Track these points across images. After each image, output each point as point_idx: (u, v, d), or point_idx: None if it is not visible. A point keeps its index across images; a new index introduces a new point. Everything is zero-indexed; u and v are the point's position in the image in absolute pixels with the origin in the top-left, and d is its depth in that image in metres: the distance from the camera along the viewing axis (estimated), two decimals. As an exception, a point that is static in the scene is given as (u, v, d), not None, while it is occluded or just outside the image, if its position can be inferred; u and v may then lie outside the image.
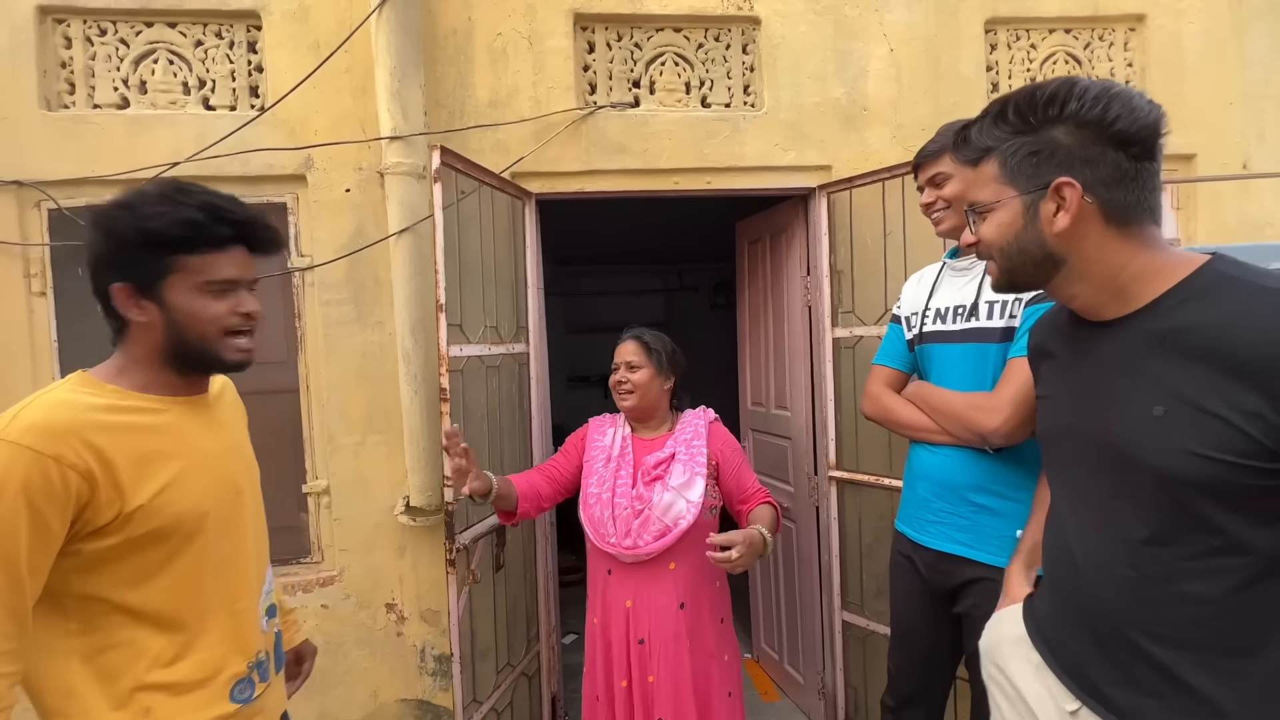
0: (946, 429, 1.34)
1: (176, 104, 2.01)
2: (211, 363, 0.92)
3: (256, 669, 0.95)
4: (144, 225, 0.83)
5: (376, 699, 2.10)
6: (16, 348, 1.92)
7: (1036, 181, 0.75)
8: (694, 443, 1.59)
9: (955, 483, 1.34)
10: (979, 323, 1.33)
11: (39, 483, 0.74)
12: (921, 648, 1.47)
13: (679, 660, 1.51)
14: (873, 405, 1.52)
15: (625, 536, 1.50)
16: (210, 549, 0.90)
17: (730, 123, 2.18)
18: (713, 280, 5.43)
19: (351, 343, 2.05)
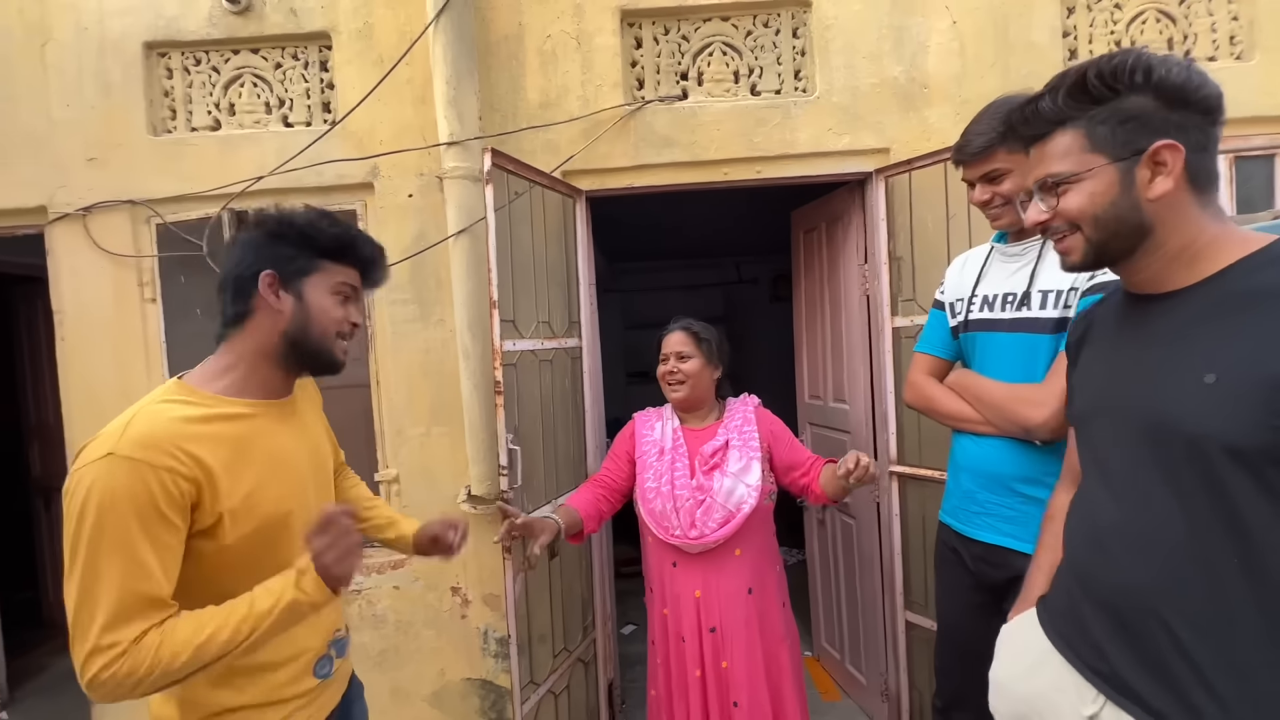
0: (990, 420, 1.29)
1: (260, 123, 2.19)
2: (322, 358, 1.00)
3: (334, 646, 1.04)
4: (307, 228, 0.97)
5: (444, 677, 2.22)
6: (132, 348, 2.16)
7: (1131, 147, 0.73)
8: (745, 428, 1.60)
9: (1001, 473, 1.29)
10: (1030, 312, 1.26)
11: (157, 491, 0.81)
12: (969, 645, 1.39)
13: (752, 645, 1.53)
14: (914, 393, 1.48)
15: (690, 527, 1.52)
16: (296, 543, 0.95)
17: (781, 109, 2.14)
18: (772, 273, 5.33)
19: (416, 340, 2.17)
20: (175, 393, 0.92)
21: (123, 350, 2.15)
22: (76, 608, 0.79)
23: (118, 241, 2.14)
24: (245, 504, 0.90)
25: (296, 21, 2.13)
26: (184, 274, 2.14)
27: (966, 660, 1.40)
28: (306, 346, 0.97)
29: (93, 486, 0.79)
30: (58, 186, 2.13)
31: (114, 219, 2.14)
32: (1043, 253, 1.27)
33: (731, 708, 1.52)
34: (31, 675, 3.12)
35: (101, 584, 0.78)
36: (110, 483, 0.79)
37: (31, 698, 2.95)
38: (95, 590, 0.78)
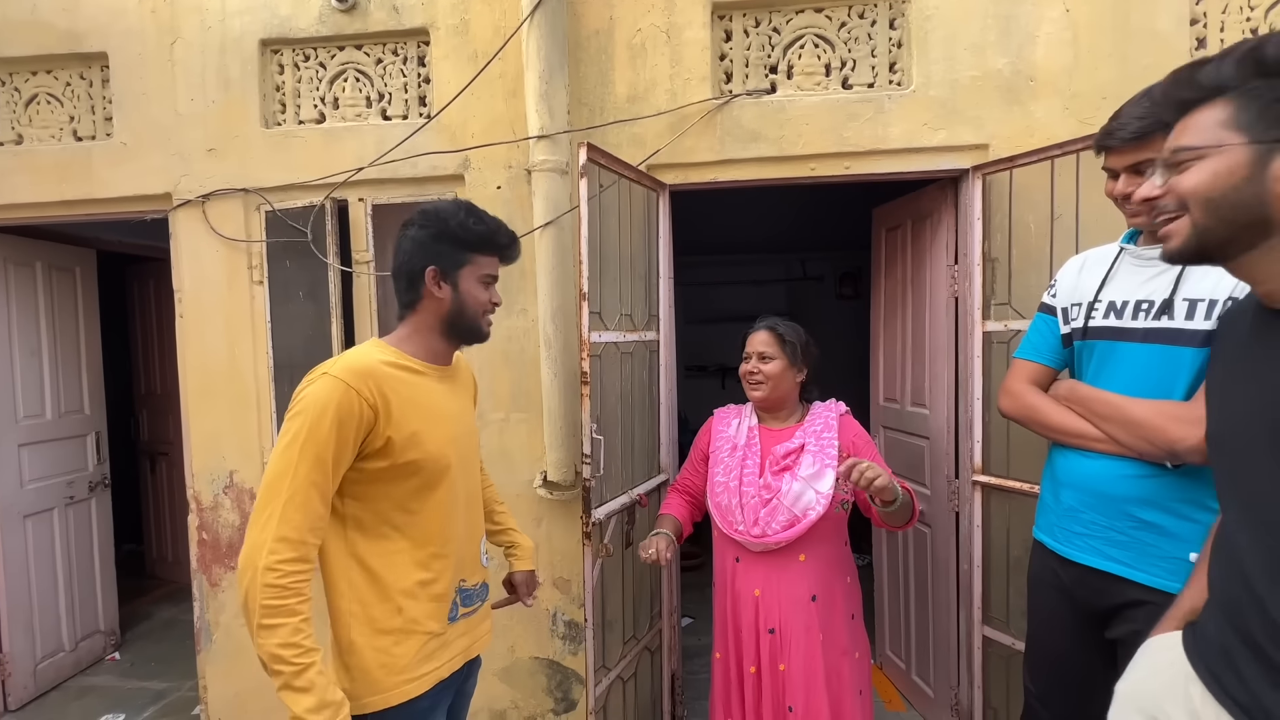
0: (1118, 438, 1.19)
1: (361, 116, 2.30)
2: (476, 332, 1.22)
3: (460, 594, 1.20)
4: (464, 229, 1.15)
5: (514, 654, 2.30)
6: (241, 325, 2.32)
7: (1277, 132, 0.65)
8: (824, 435, 1.56)
9: (1116, 495, 1.20)
10: (1173, 322, 1.16)
11: (348, 407, 1.02)
12: (1067, 671, 1.33)
13: (811, 652, 1.51)
14: (1014, 403, 1.38)
15: (754, 525, 1.51)
16: (456, 490, 1.18)
17: (874, 104, 2.08)
18: (839, 270, 5.20)
19: (498, 328, 2.23)
20: (375, 346, 1.15)
21: (233, 327, 2.32)
22: (268, 489, 0.99)
23: (231, 227, 2.30)
24: (411, 438, 1.08)
25: (398, 18, 2.22)
26: (289, 258, 2.28)
27: (1065, 686, 1.35)
28: (462, 324, 1.19)
29: (311, 394, 1.02)
30: (181, 175, 2.31)
31: (229, 206, 2.30)
32: None
33: (786, 711, 1.51)
34: (139, 621, 3.43)
35: (291, 475, 0.98)
36: (322, 393, 1.02)
37: (140, 641, 3.24)
38: (286, 476, 0.98)
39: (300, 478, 0.98)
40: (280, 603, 0.94)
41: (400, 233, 1.18)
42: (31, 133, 2.40)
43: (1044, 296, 1.41)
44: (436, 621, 1.14)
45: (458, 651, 1.20)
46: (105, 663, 3.04)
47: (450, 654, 1.17)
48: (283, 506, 0.97)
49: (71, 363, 2.94)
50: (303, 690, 0.94)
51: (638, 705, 2.09)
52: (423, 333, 1.19)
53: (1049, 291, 1.40)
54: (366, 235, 2.28)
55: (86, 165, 2.34)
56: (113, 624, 3.14)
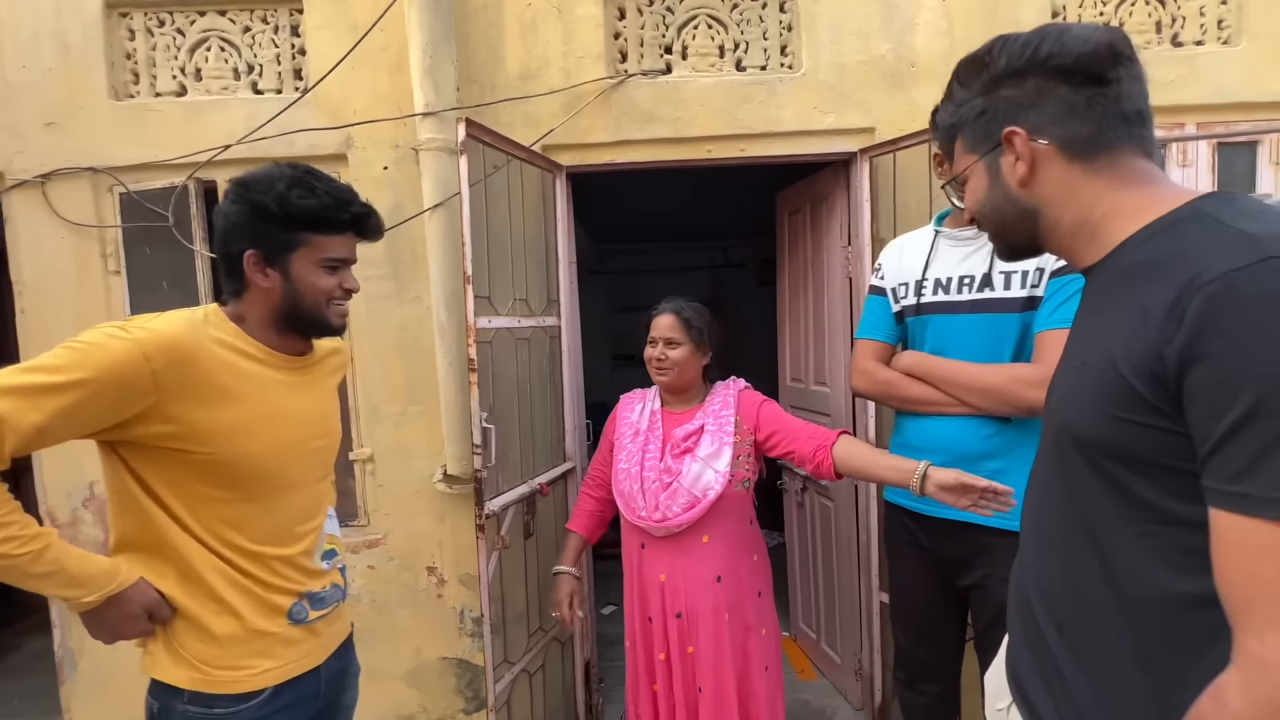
0: (973, 403, 1.31)
1: (228, 89, 2.11)
2: (321, 326, 1.04)
3: (307, 598, 1.05)
4: (284, 205, 0.95)
5: (419, 655, 2.21)
6: (96, 319, 2.05)
7: (990, 140, 0.72)
8: (722, 413, 1.56)
9: (967, 451, 1.32)
10: (994, 293, 1.31)
11: (131, 378, 0.85)
12: (929, 620, 1.49)
13: (718, 633, 1.51)
14: (869, 381, 1.50)
15: (655, 510, 1.50)
16: (291, 503, 1.02)
17: (766, 86, 2.09)
18: (759, 256, 5.31)
19: (391, 317, 2.12)
20: (213, 314, 0.99)
21: (85, 322, 2.04)
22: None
23: (79, 210, 2.07)
24: (218, 434, 0.93)
25: (265, -17, 2.04)
26: (149, 245, 2.07)
27: (928, 634, 1.50)
28: (300, 316, 1.02)
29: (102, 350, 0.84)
30: (15, 152, 2.05)
31: (74, 187, 2.06)
32: None
33: (696, 693, 1.51)
34: (4, 653, 3.08)
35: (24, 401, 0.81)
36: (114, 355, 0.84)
37: (6, 676, 2.91)
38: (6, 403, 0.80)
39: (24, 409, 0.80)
40: None
41: (217, 207, 1.01)
42: None
43: (872, 279, 1.55)
44: (272, 623, 1.00)
45: (312, 649, 1.06)
46: None
47: (296, 653, 1.03)
48: None
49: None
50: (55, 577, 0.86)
51: (547, 698, 2.06)
52: (256, 321, 1.01)
53: (876, 275, 1.54)
54: (239, 219, 2.10)
55: (-105, 140, 2.04)
56: (-33, 659, 2.80)
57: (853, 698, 2.35)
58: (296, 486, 1.04)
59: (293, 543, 1.04)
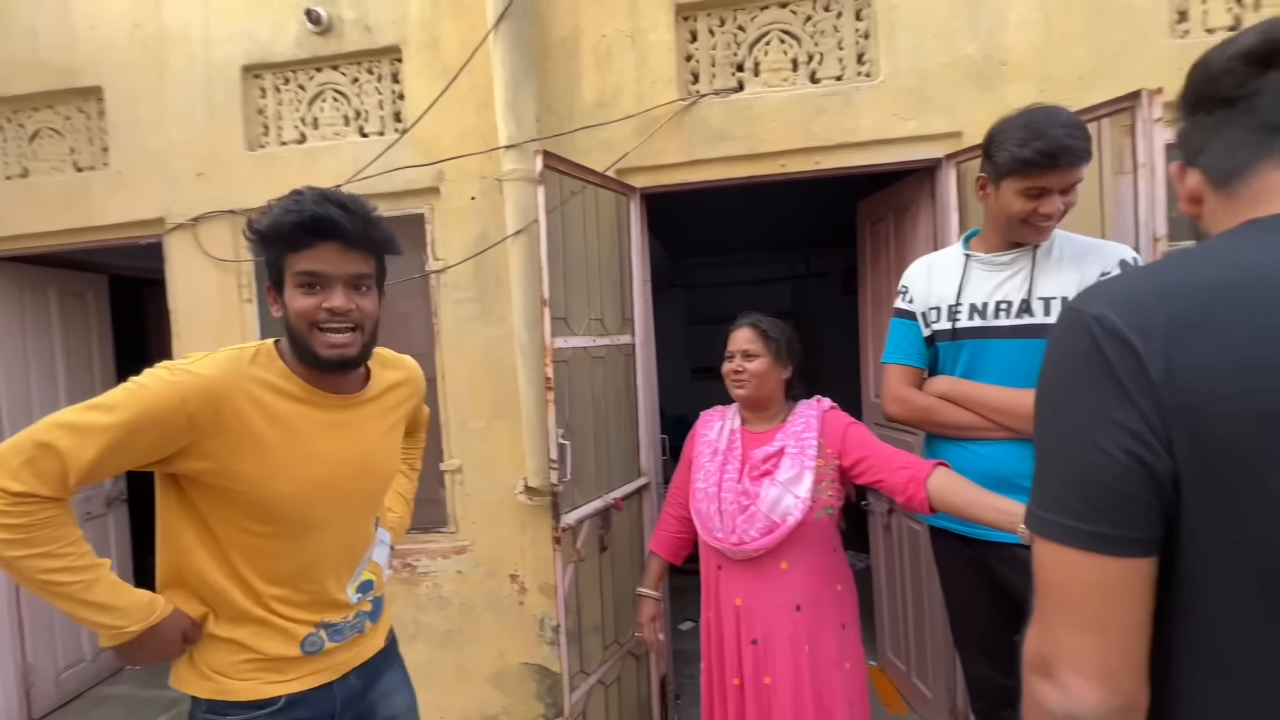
0: (1013, 426, 1.31)
1: (340, 135, 2.35)
2: (310, 357, 0.97)
3: (325, 628, 1.06)
4: (266, 229, 0.95)
5: (503, 659, 2.31)
6: (232, 343, 2.38)
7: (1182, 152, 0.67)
8: (804, 435, 1.49)
9: (1008, 473, 1.31)
10: (1034, 319, 1.31)
11: (168, 411, 0.89)
12: (999, 645, 1.42)
13: (798, 665, 1.45)
14: (903, 407, 1.47)
15: (732, 532, 1.46)
16: (310, 532, 1.01)
17: (842, 96, 2.05)
18: (844, 266, 5.12)
19: (477, 337, 2.26)
20: (263, 352, 1.01)
21: (224, 343, 2.38)
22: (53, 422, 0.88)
23: (221, 248, 2.38)
24: (252, 474, 0.94)
25: (371, 38, 2.27)
26: (275, 276, 2.35)
27: (1000, 658, 1.43)
28: (295, 345, 0.97)
29: (150, 388, 0.89)
30: (173, 199, 2.39)
31: (217, 227, 2.38)
32: (1036, 259, 1.32)
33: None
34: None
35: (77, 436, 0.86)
36: (158, 392, 0.89)
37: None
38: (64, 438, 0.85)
39: (78, 444, 0.85)
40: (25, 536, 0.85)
41: None
42: (36, 166, 2.52)
43: (898, 303, 1.54)
44: (284, 649, 1.02)
45: (324, 669, 1.07)
46: (125, 672, 3.15)
47: (305, 671, 1.05)
48: (32, 453, 0.85)
49: (84, 384, 3.06)
50: (100, 608, 0.90)
51: (623, 710, 2.08)
52: (291, 356, 1.00)
53: (902, 298, 1.53)
54: (348, 250, 2.33)
55: (86, 194, 2.45)
56: (132, 635, 3.25)
57: (946, 737, 2.19)
58: (329, 526, 1.03)
59: (321, 578, 1.04)
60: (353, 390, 1.06)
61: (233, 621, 1.00)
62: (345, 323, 0.97)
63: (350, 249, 0.96)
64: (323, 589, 1.05)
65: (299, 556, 1.02)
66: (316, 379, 1.01)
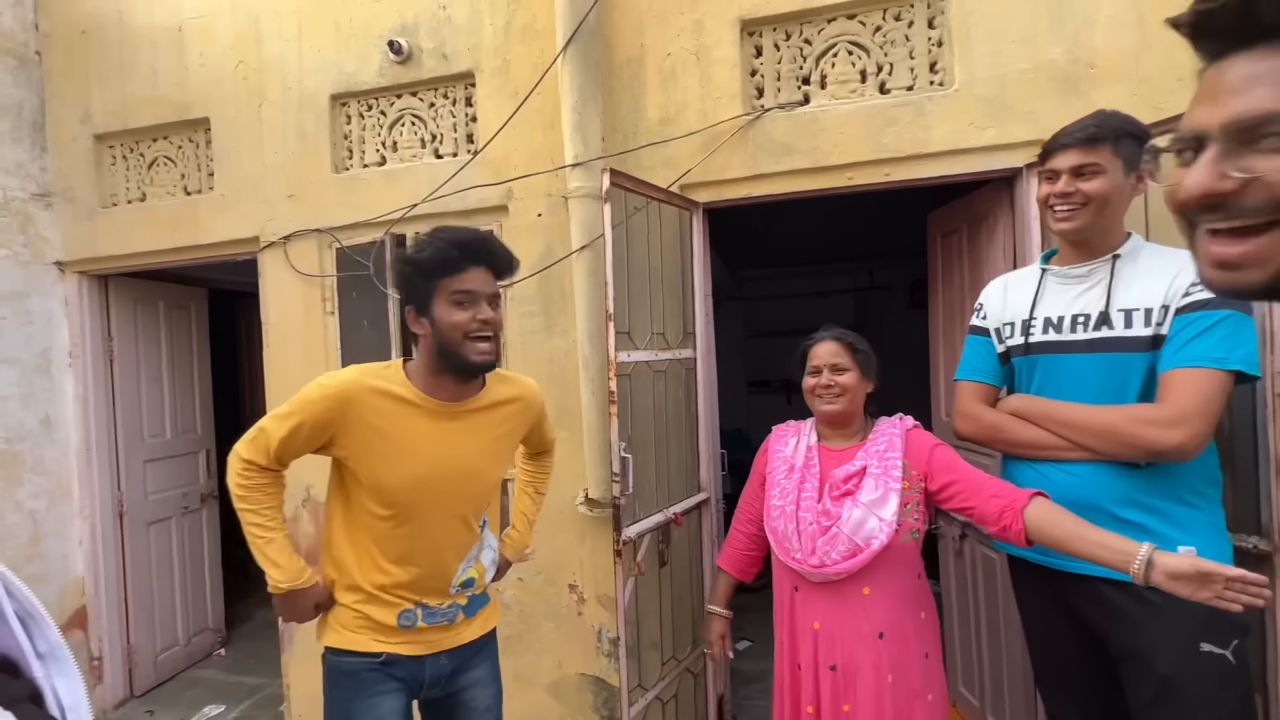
0: (1092, 446, 1.23)
1: (417, 157, 2.48)
2: (461, 364, 1.19)
3: (421, 608, 1.28)
4: (415, 264, 1.19)
5: (561, 669, 2.34)
6: (316, 352, 2.55)
7: None
8: (888, 454, 1.43)
9: (1097, 501, 1.22)
10: (1114, 332, 1.24)
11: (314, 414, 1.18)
12: (1084, 687, 1.35)
13: (879, 694, 1.39)
14: (975, 425, 1.41)
15: (811, 554, 1.41)
16: (425, 531, 1.25)
17: (913, 107, 1.99)
18: (910, 278, 4.95)
19: (541, 349, 2.32)
20: (390, 368, 1.25)
21: (310, 354, 2.55)
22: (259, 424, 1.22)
23: (308, 264, 2.55)
24: (366, 466, 1.20)
25: (447, 65, 2.39)
26: (355, 290, 2.49)
27: (1089, 705, 1.36)
28: (447, 355, 1.19)
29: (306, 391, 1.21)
30: (267, 219, 2.59)
31: (305, 245, 2.55)
32: (1115, 270, 1.25)
33: None
34: (243, 620, 3.79)
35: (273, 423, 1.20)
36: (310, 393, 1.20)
37: (242, 639, 3.58)
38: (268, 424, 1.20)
39: (273, 429, 1.18)
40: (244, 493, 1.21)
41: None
42: (152, 190, 2.78)
43: (973, 320, 1.52)
44: (385, 618, 1.25)
45: (417, 643, 1.28)
46: (213, 658, 3.38)
47: (401, 639, 1.27)
48: (254, 435, 1.20)
49: (186, 388, 3.34)
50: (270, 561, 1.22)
51: (680, 728, 2.06)
52: (424, 369, 1.23)
53: (977, 315, 1.51)
54: (422, 266, 2.45)
55: (194, 216, 2.68)
56: (220, 622, 3.49)
57: (1026, 783, 2.05)
58: (430, 517, 1.24)
59: (426, 564, 1.26)
60: (465, 399, 1.26)
61: (351, 589, 1.26)
62: (488, 331, 1.19)
63: (490, 272, 1.21)
64: (426, 574, 1.27)
65: (408, 542, 1.24)
66: (435, 388, 1.23)
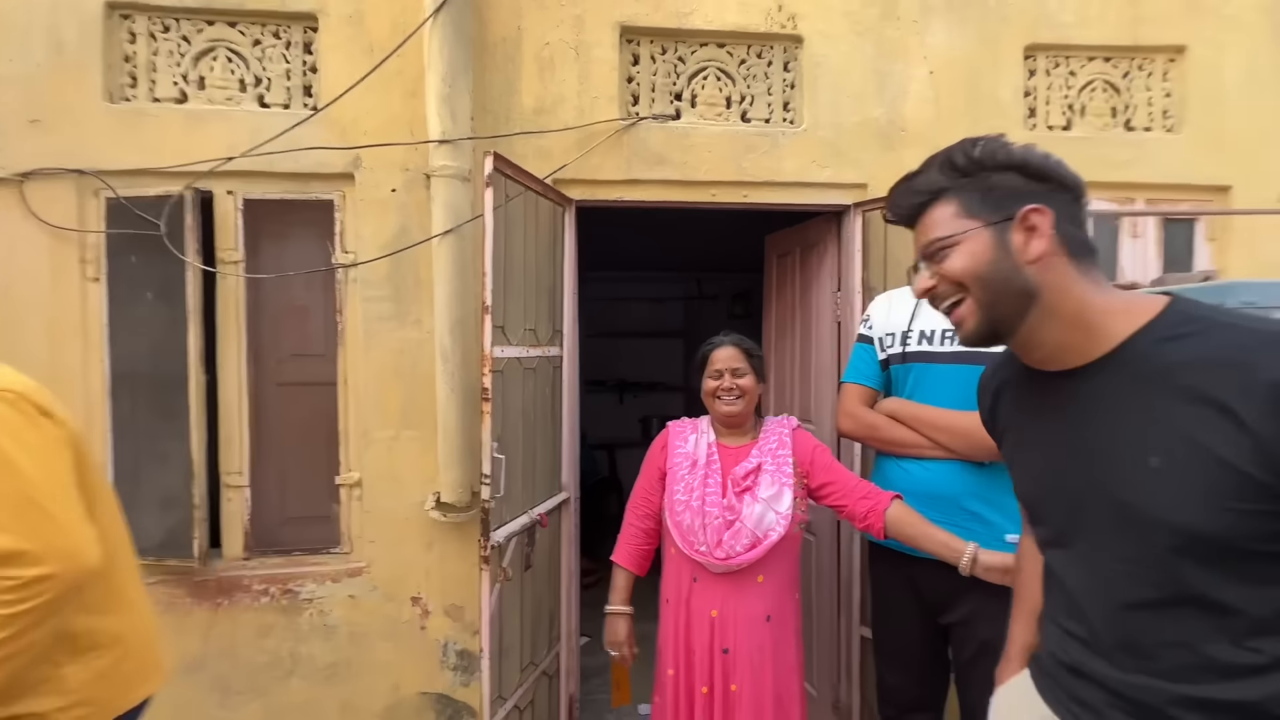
0: (949, 445, 1.43)
1: (233, 100, 2.07)
2: None
3: None
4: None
5: (398, 691, 2.13)
6: (69, 327, 1.97)
7: (1002, 213, 0.75)
8: (779, 452, 1.58)
9: (949, 493, 1.44)
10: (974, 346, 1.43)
11: None
12: (921, 658, 1.57)
13: (761, 672, 1.52)
14: (854, 423, 1.60)
15: (717, 546, 1.50)
16: None
17: (770, 138, 2.21)
18: (733, 290, 5.46)
19: (390, 339, 2.09)
20: None
21: (58, 330, 1.97)
22: None
23: (60, 213, 1.96)
24: None
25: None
26: (135, 254, 1.98)
27: (918, 670, 1.58)
28: None
29: None
30: (-10, 147, 1.94)
31: (56, 188, 1.96)
32: None
33: None
34: None
35: None
36: None
37: None
38: None
39: None
40: None
41: None
42: None
43: (860, 329, 1.68)
44: None
45: None
46: None
47: None
48: None
49: None
50: None
51: (534, 734, 2.02)
52: None
53: (864, 325, 1.67)
54: (236, 233, 2.05)
55: None
56: None
57: (829, 731, 2.39)
58: None
59: None
60: None
61: None
62: None
63: None
64: None
65: None
66: None
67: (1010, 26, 2.27)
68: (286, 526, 2.17)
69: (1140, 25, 2.31)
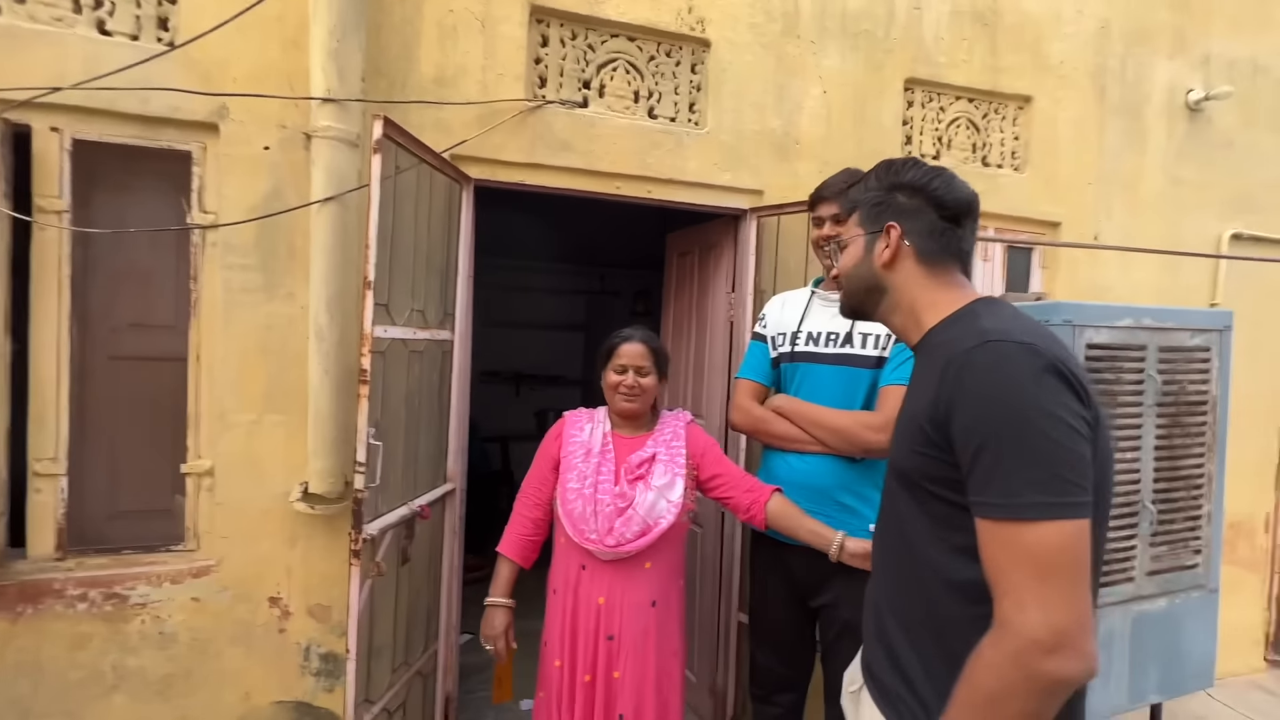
0: (825, 441, 1.54)
1: (63, 21, 1.76)
2: None
3: None
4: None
5: (248, 701, 1.92)
6: None
7: (877, 225, 0.97)
8: (674, 444, 1.63)
9: (824, 485, 1.55)
10: (853, 349, 1.56)
11: None
12: (788, 639, 1.67)
13: (645, 657, 1.54)
14: (744, 417, 1.69)
15: (608, 534, 1.51)
16: None
17: (674, 137, 2.25)
18: (635, 288, 5.50)
19: (255, 313, 1.89)
20: None
21: None
22: None
23: None
24: None
25: (133, -87, 1.76)
26: (-82, 191, 1.63)
27: (789, 652, 1.68)
28: None
29: None
30: None
31: None
32: None
33: (616, 718, 1.53)
34: None
35: None
36: None
37: None
38: None
39: None
40: None
41: None
42: None
43: (755, 327, 1.78)
44: None
45: None
46: None
47: None
48: None
49: None
50: None
51: (405, 738, 1.91)
52: None
53: (760, 323, 1.77)
54: (61, 177, 1.75)
55: None
56: None
57: (705, 713, 2.48)
58: None
59: None
60: None
61: None
62: None
63: None
64: None
65: None
66: None
67: (894, 58, 2.47)
68: (116, 521, 1.89)
69: (999, 74, 2.61)
